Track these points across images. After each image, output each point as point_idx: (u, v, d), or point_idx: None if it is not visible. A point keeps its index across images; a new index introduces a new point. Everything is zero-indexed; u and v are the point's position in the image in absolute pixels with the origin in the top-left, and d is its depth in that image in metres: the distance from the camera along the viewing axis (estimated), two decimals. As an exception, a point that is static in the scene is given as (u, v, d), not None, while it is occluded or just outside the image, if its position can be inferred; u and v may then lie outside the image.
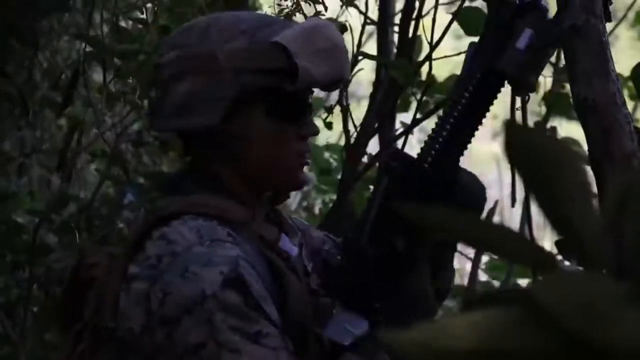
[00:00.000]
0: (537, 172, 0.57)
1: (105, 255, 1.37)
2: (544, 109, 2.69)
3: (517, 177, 2.20)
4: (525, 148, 0.56)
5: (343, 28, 2.65)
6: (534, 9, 1.24)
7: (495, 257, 3.46)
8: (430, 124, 2.93)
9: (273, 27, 1.38)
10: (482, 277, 3.60)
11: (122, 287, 1.30)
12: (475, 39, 1.32)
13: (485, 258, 3.44)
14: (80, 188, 3.50)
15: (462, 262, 5.85)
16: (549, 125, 2.61)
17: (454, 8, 2.55)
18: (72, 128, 2.94)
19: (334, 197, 2.93)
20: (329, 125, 2.78)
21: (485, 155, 8.10)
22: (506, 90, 2.34)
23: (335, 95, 3.34)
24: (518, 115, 2.10)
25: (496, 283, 3.24)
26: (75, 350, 1.35)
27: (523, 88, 1.30)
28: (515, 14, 1.25)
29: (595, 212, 0.59)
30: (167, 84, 1.37)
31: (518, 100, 2.19)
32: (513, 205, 2.20)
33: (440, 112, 1.32)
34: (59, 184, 3.19)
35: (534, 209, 2.33)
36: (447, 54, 2.44)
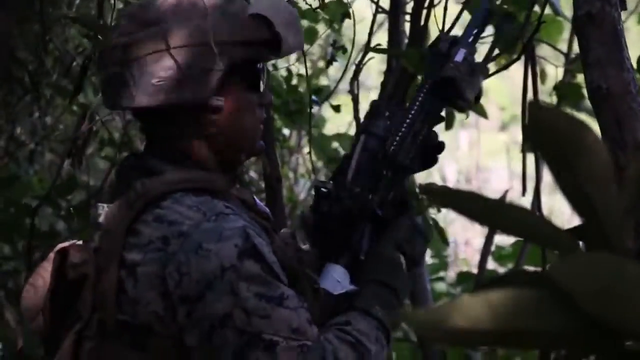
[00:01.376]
0: (560, 153, 0.57)
1: (89, 251, 1.35)
2: (554, 100, 2.68)
3: (527, 166, 2.19)
4: (550, 129, 0.56)
5: (346, 15, 2.64)
6: (464, 38, 1.57)
7: (503, 246, 3.46)
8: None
9: (237, 1, 1.41)
10: (491, 266, 3.60)
11: (122, 275, 1.30)
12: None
13: (493, 248, 3.44)
14: (89, 175, 3.51)
15: (471, 252, 5.85)
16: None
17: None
18: (83, 115, 2.95)
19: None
20: (336, 109, 2.78)
21: (494, 145, 8.10)
22: (517, 82, 2.32)
23: (340, 83, 3.34)
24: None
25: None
26: (80, 350, 1.33)
27: (462, 97, 1.52)
28: (450, 45, 1.55)
29: (616, 195, 0.59)
30: (144, 61, 1.36)
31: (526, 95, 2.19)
32: (524, 194, 2.21)
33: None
34: (69, 170, 3.20)
35: (544, 198, 2.33)
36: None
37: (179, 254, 1.28)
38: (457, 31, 2.41)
